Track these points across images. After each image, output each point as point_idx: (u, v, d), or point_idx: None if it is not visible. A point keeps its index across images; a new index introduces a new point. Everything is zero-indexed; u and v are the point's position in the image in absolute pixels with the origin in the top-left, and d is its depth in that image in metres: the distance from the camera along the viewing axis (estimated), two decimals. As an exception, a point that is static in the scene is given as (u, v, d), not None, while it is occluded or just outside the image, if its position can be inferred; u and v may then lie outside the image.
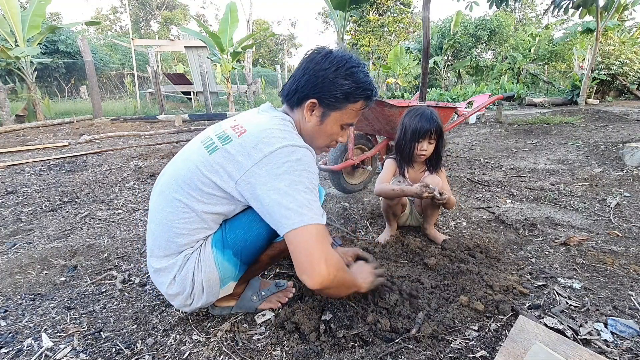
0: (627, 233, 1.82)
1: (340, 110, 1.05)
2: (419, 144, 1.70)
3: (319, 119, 1.06)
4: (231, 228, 1.04)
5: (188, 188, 0.99)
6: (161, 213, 1.03)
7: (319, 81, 1.01)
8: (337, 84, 1.00)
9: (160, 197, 1.05)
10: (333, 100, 1.02)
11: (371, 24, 19.16)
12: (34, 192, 2.88)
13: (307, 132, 1.09)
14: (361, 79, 1.03)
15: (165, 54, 20.25)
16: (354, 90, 1.02)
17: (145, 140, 5.67)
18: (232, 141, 0.97)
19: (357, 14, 17.11)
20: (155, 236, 1.05)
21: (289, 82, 1.08)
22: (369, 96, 1.06)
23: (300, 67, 1.05)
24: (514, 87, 10.71)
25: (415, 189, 1.56)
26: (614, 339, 1.08)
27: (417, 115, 1.71)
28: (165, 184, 1.05)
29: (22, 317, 1.26)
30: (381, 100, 2.26)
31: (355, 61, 1.04)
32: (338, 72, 1.00)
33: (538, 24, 23.71)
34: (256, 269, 1.15)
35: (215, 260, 1.03)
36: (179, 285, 1.03)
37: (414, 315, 1.16)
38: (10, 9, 6.96)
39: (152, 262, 1.06)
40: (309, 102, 1.03)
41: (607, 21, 7.28)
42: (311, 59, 1.04)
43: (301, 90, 1.03)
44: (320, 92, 1.02)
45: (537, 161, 3.59)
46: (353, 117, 1.08)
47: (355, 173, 2.72)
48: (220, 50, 8.76)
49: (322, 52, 1.04)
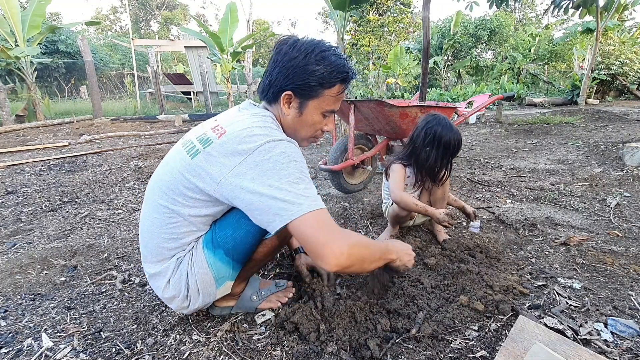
0: (627, 233, 1.82)
1: (317, 98, 1.00)
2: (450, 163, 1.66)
3: (297, 110, 1.02)
4: (220, 227, 1.04)
5: (172, 194, 0.98)
6: (148, 220, 1.04)
7: (289, 72, 0.96)
8: (308, 71, 0.96)
9: (146, 204, 1.06)
10: (307, 89, 0.98)
11: (371, 24, 19.15)
12: (34, 192, 2.88)
13: (288, 126, 1.05)
14: (334, 62, 0.97)
15: (165, 54, 20.26)
16: (327, 75, 0.97)
17: (145, 140, 5.67)
18: (212, 143, 0.95)
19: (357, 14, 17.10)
20: (145, 242, 1.06)
21: (262, 78, 1.05)
22: (345, 78, 1.01)
23: (270, 60, 1.01)
24: (514, 87, 10.72)
25: (440, 215, 1.50)
26: (614, 339, 1.08)
27: (447, 127, 1.61)
28: (149, 191, 1.06)
29: (22, 317, 1.26)
30: (381, 100, 2.26)
31: (325, 45, 0.99)
32: (308, 58, 0.95)
33: (538, 24, 23.71)
34: (251, 267, 1.14)
35: (208, 260, 1.03)
36: (174, 288, 1.04)
37: (414, 315, 1.16)
38: (10, 9, 6.96)
39: (146, 267, 1.08)
40: (284, 95, 0.99)
41: (607, 21, 7.28)
42: (279, 50, 0.99)
43: (274, 84, 1.00)
44: (293, 83, 0.97)
45: (537, 161, 3.59)
46: (333, 103, 1.03)
47: (355, 173, 2.72)
48: (220, 50, 8.76)
49: (289, 41, 0.99)
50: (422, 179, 1.72)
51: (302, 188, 0.87)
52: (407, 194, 1.66)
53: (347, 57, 1.03)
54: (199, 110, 10.52)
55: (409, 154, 1.72)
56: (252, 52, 11.72)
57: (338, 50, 1.01)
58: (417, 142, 1.67)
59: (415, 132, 1.70)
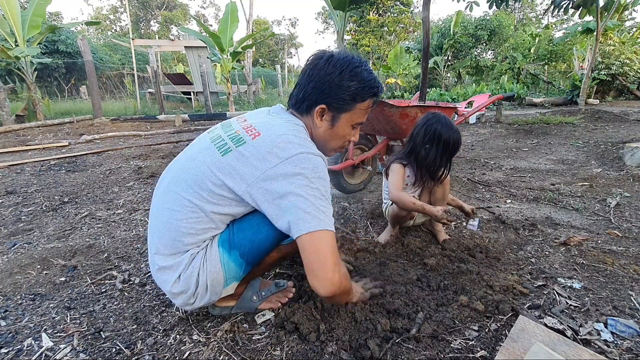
0: (627, 233, 1.82)
1: (349, 111, 1.05)
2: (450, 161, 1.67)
3: (329, 123, 1.07)
4: (239, 229, 1.04)
5: (198, 188, 0.98)
6: (168, 212, 1.02)
7: (325, 86, 1.01)
8: (343, 86, 1.01)
9: (166, 195, 1.04)
10: (342, 103, 1.03)
11: (371, 24, 19.15)
12: (34, 192, 2.88)
13: (319, 137, 1.09)
14: (366, 78, 1.03)
15: (165, 54, 20.25)
16: (360, 90, 1.03)
17: (145, 140, 5.67)
18: (245, 143, 0.97)
19: (357, 14, 17.11)
20: (161, 234, 1.03)
21: (295, 91, 1.09)
22: (376, 93, 1.06)
23: (305, 74, 1.06)
24: (514, 87, 10.71)
25: (437, 213, 1.51)
26: (614, 339, 1.08)
27: (447, 126, 1.63)
28: (172, 183, 1.04)
29: (22, 317, 1.26)
30: (381, 100, 2.26)
31: (358, 61, 1.04)
32: (343, 74, 1.01)
33: (538, 24, 23.71)
34: (259, 270, 1.15)
35: (222, 260, 1.03)
36: (184, 284, 1.03)
37: (414, 315, 1.16)
38: (10, 9, 6.95)
39: (157, 259, 1.05)
40: (318, 108, 1.04)
41: (607, 21, 7.27)
42: (314, 65, 1.04)
43: (309, 97, 1.04)
44: (328, 97, 1.02)
45: (537, 161, 3.59)
46: (362, 116, 1.09)
47: (355, 173, 2.72)
48: (220, 50, 8.76)
49: (324, 56, 1.04)
50: (422, 177, 1.72)
51: (324, 205, 0.93)
52: (405, 193, 1.66)
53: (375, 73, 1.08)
54: (199, 110, 10.51)
55: (409, 152, 1.72)
56: (252, 52, 11.73)
57: (368, 66, 1.07)
58: (417, 139, 1.67)
59: (415, 129, 1.71)
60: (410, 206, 1.60)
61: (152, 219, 1.09)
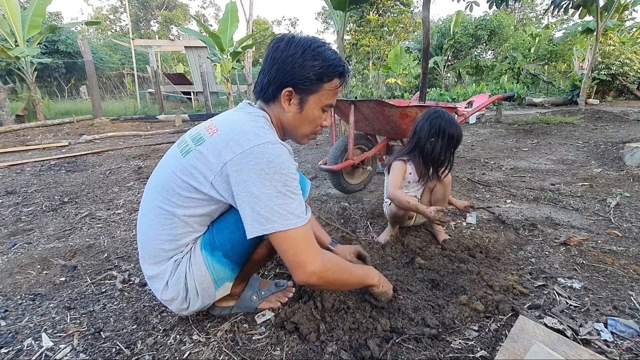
0: (627, 233, 1.82)
1: (317, 92, 1.02)
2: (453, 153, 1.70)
3: (297, 106, 1.03)
4: (218, 229, 1.03)
5: (167, 194, 0.98)
6: (145, 222, 1.04)
7: (288, 68, 0.98)
8: (307, 66, 0.98)
9: (143, 205, 1.07)
10: (308, 83, 0.99)
11: (371, 24, 19.14)
12: (34, 192, 2.88)
13: (288, 123, 1.06)
14: (330, 57, 1.00)
15: (165, 54, 20.26)
16: (325, 69, 0.99)
17: (145, 140, 5.67)
18: (204, 141, 0.97)
19: (357, 14, 17.09)
20: (143, 245, 1.06)
21: (259, 77, 1.06)
22: (342, 72, 1.04)
23: (267, 58, 1.02)
24: (514, 87, 10.70)
25: (431, 213, 1.51)
26: (614, 339, 1.08)
27: (449, 121, 1.67)
28: (147, 192, 1.07)
29: (22, 317, 1.26)
30: (381, 100, 2.26)
31: (319, 41, 1.02)
32: (305, 54, 0.98)
33: (538, 24, 23.69)
34: (250, 267, 1.14)
35: (206, 262, 1.02)
36: (173, 291, 1.03)
37: (414, 315, 1.16)
38: (10, 9, 6.95)
39: (145, 269, 1.07)
40: (284, 92, 1.00)
41: (607, 21, 7.26)
42: (276, 48, 1.00)
43: (274, 81, 1.00)
44: (293, 78, 0.99)
45: (537, 161, 3.59)
46: (331, 97, 1.06)
47: (355, 173, 2.72)
48: (220, 50, 8.75)
49: (285, 38, 1.01)
50: (428, 172, 1.74)
51: (279, 204, 0.88)
52: (401, 192, 1.68)
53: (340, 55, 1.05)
54: (199, 110, 10.51)
55: (413, 147, 1.74)
56: (252, 52, 11.72)
57: (331, 47, 1.05)
58: (421, 134, 1.70)
59: (418, 125, 1.73)
60: (404, 205, 1.61)
61: (138, 230, 1.10)
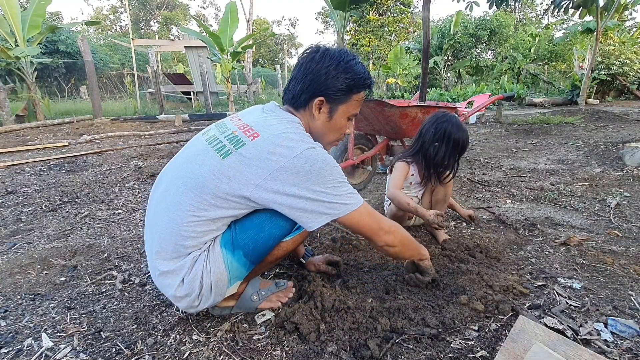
0: (627, 233, 1.82)
1: (346, 103, 1.10)
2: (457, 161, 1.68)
3: (327, 115, 1.11)
4: (242, 229, 1.04)
5: (200, 192, 0.97)
6: (168, 217, 1.01)
7: (322, 79, 1.05)
8: (340, 78, 1.05)
9: (165, 199, 1.03)
10: (339, 94, 1.07)
11: (371, 24, 19.15)
12: (34, 192, 2.88)
13: (317, 130, 1.13)
14: (360, 70, 1.08)
15: (165, 54, 20.25)
16: (356, 82, 1.08)
17: (145, 140, 5.66)
18: (245, 145, 0.97)
19: (357, 14, 17.09)
20: (162, 239, 1.02)
21: (291, 85, 1.11)
22: (369, 85, 1.12)
23: (301, 67, 1.08)
24: (514, 87, 10.71)
25: (429, 216, 1.52)
26: (614, 339, 1.08)
27: (457, 126, 1.65)
28: (170, 187, 1.03)
29: (22, 317, 1.26)
30: (381, 100, 2.26)
31: (351, 54, 1.09)
32: (339, 67, 1.05)
33: (538, 24, 23.69)
34: (260, 268, 1.15)
35: (225, 260, 1.02)
36: (188, 287, 1.02)
37: (414, 315, 1.16)
38: (10, 9, 6.95)
39: (159, 264, 1.03)
40: (316, 101, 1.07)
41: (607, 21, 7.27)
42: (310, 58, 1.07)
43: (307, 90, 1.07)
44: (326, 89, 1.06)
45: (537, 161, 3.59)
46: (357, 107, 1.15)
47: (355, 173, 2.72)
48: (220, 50, 8.75)
49: (320, 50, 1.08)
50: (429, 176, 1.73)
51: (345, 190, 1.02)
52: (401, 192, 1.67)
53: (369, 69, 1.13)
54: (199, 110, 10.51)
55: (418, 150, 1.74)
56: (252, 52, 11.73)
57: (359, 59, 1.13)
58: (426, 137, 1.69)
59: (424, 127, 1.73)
60: (404, 206, 1.61)
61: (150, 223, 1.08)
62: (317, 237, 1.87)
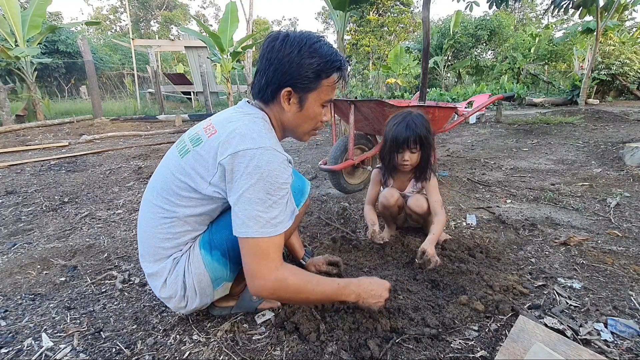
0: (627, 233, 1.82)
1: (316, 89, 1.01)
2: (399, 154, 1.65)
3: (297, 105, 1.02)
4: (217, 229, 1.04)
5: (165, 194, 0.99)
6: (145, 220, 1.05)
7: (285, 68, 0.96)
8: (304, 65, 0.96)
9: (143, 204, 1.08)
10: (307, 82, 0.98)
11: (371, 24, 19.15)
12: (34, 192, 2.88)
13: (289, 122, 1.06)
14: (326, 52, 0.98)
15: (165, 54, 20.24)
16: (323, 66, 0.98)
17: (145, 140, 5.67)
18: (202, 142, 0.97)
19: (357, 14, 17.09)
20: (143, 243, 1.07)
21: (256, 78, 1.04)
22: (340, 66, 1.02)
23: (263, 59, 1.00)
24: (514, 87, 10.70)
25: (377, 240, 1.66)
26: (614, 339, 1.08)
27: (396, 123, 1.64)
28: (147, 192, 1.08)
29: (22, 317, 1.26)
30: (381, 100, 2.26)
31: (315, 37, 1.00)
32: (302, 52, 0.96)
33: (538, 24, 23.69)
34: None
35: (204, 261, 1.03)
36: (171, 289, 1.04)
37: (414, 315, 1.16)
38: (10, 9, 6.96)
39: (145, 267, 1.08)
40: (283, 92, 0.99)
41: (607, 21, 7.26)
42: (271, 47, 0.98)
43: (272, 82, 0.99)
44: (291, 78, 0.97)
45: (537, 161, 3.59)
46: (331, 92, 1.04)
47: (355, 173, 2.72)
48: (220, 50, 8.75)
49: (279, 37, 0.98)
50: (383, 175, 1.82)
51: (258, 210, 0.88)
52: (368, 208, 1.79)
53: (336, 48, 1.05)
54: (199, 110, 10.51)
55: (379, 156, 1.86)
56: (252, 52, 11.71)
57: (327, 41, 1.02)
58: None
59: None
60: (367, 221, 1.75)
61: (138, 228, 1.12)
62: (317, 237, 1.87)
